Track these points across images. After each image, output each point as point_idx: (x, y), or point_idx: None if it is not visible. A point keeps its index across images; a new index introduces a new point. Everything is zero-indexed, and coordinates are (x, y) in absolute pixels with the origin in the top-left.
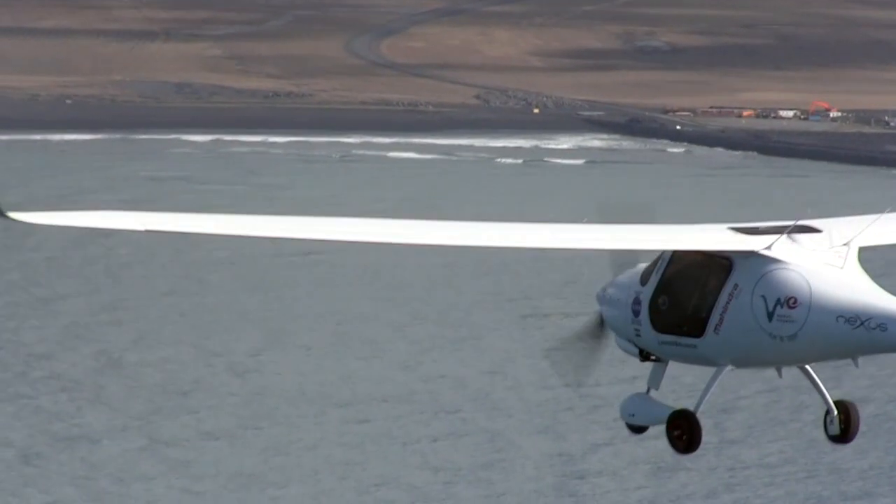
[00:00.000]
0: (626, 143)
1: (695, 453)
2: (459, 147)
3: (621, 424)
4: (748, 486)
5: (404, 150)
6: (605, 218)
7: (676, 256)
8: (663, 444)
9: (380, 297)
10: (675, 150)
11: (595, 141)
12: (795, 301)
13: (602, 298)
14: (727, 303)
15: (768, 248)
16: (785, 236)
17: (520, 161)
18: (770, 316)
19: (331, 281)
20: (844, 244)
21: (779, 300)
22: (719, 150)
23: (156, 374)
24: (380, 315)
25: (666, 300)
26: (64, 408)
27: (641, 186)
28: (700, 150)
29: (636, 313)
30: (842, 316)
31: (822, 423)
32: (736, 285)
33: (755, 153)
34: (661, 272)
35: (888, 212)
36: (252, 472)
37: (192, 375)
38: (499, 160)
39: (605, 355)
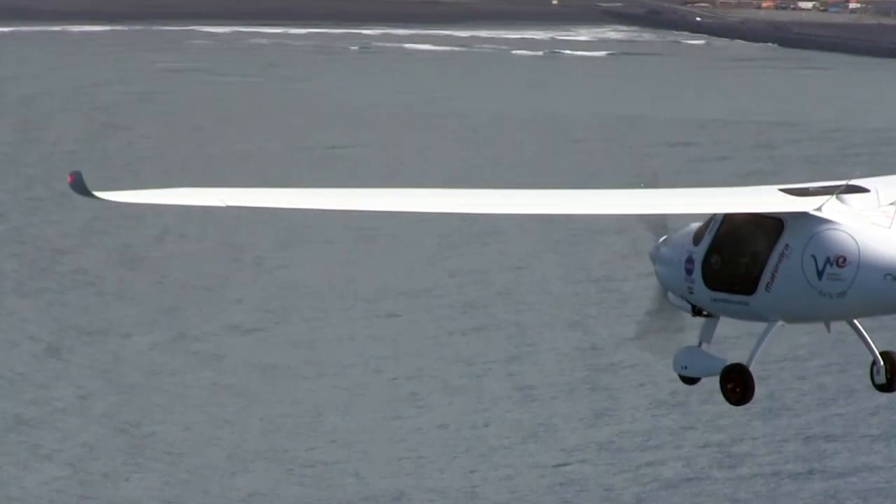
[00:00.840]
0: (646, 35)
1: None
2: (478, 39)
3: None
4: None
5: (423, 41)
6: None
7: (728, 217)
8: (689, 337)
9: (401, 182)
10: (695, 42)
11: (614, 33)
12: (844, 260)
13: (655, 257)
14: (778, 262)
15: (818, 209)
16: (834, 197)
17: (539, 53)
18: (820, 274)
19: (354, 176)
20: (891, 203)
21: (828, 259)
22: (739, 42)
23: (181, 269)
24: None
25: (718, 259)
26: (90, 302)
27: (661, 79)
28: (719, 42)
29: (689, 272)
30: (890, 274)
31: (868, 373)
32: (787, 245)
33: (775, 45)
34: (713, 232)
35: None
36: (281, 365)
37: (217, 270)
38: (517, 52)
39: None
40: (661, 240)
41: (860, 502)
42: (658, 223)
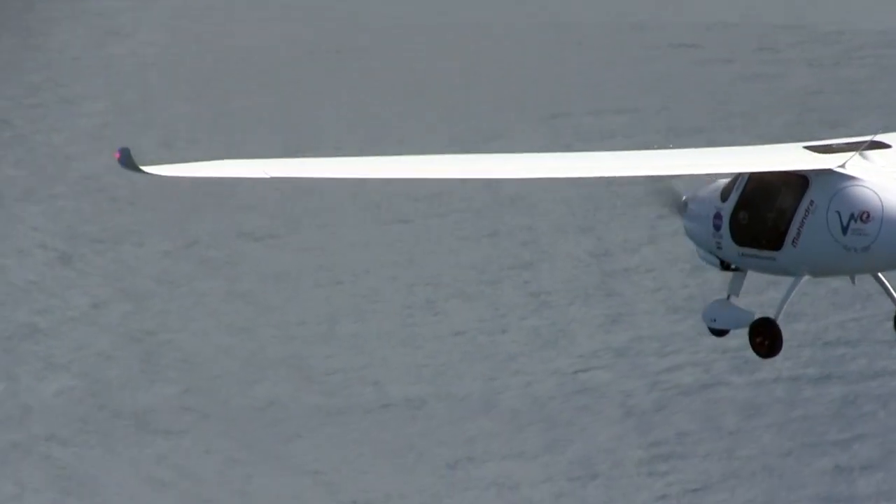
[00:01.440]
0: None
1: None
2: None
3: (663, 222)
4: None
5: None
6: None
7: (754, 175)
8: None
9: (410, 96)
10: None
11: None
12: (868, 215)
13: (683, 213)
14: (804, 218)
15: (842, 165)
16: (857, 154)
17: None
18: (844, 230)
19: (361, 83)
20: None
21: (852, 215)
22: None
23: (182, 176)
24: (411, 112)
25: (745, 216)
26: (101, 209)
27: None
28: None
29: (717, 227)
30: None
31: (892, 324)
32: (812, 201)
33: None
34: (740, 189)
35: None
36: (293, 272)
37: (219, 178)
38: None
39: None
40: (688, 195)
41: (879, 407)
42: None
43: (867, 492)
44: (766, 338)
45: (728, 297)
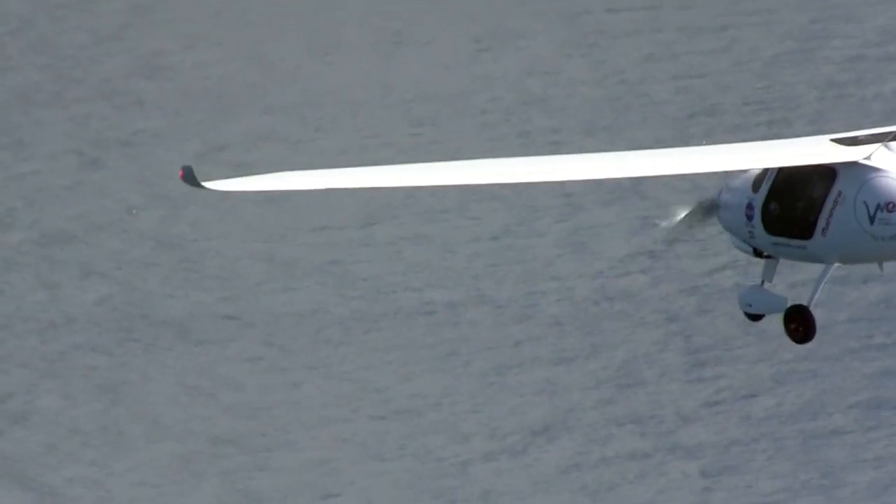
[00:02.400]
0: None
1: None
2: None
3: (682, 123)
4: None
5: None
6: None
7: (784, 167)
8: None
9: None
10: None
11: None
12: (894, 206)
13: (718, 203)
14: (832, 208)
15: (867, 157)
16: (882, 146)
17: None
18: (872, 220)
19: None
20: None
21: (879, 205)
22: None
23: (207, 78)
24: (431, 12)
25: (777, 206)
26: (125, 113)
27: None
28: None
29: (749, 217)
30: None
31: None
32: (840, 192)
33: None
34: (770, 181)
35: None
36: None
37: (244, 80)
38: None
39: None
40: (721, 188)
41: None
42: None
43: None
44: (800, 324)
45: (762, 283)
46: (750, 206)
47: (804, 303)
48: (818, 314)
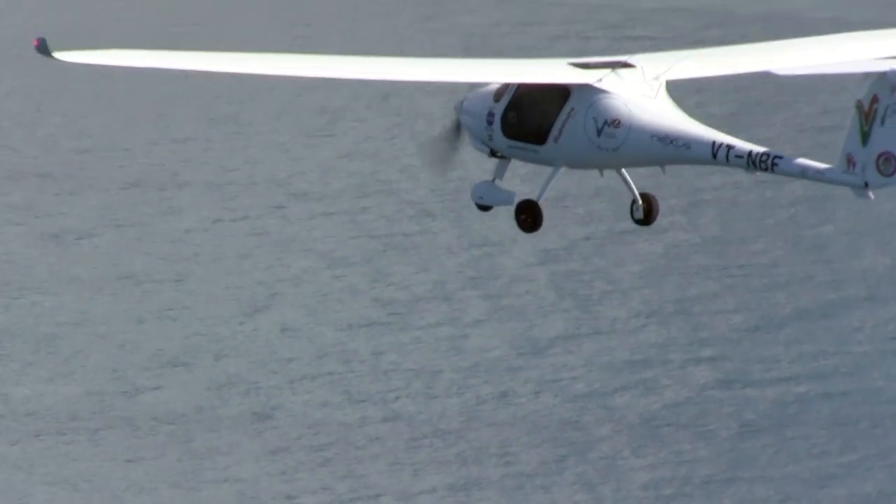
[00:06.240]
0: None
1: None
2: None
3: None
4: None
5: None
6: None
7: (524, 83)
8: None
9: None
10: None
11: None
12: (619, 122)
13: (460, 109)
14: (565, 121)
15: (599, 81)
16: (611, 71)
17: None
18: (598, 133)
19: None
20: (655, 78)
21: (605, 121)
22: None
23: None
24: None
25: (515, 115)
26: None
27: None
28: None
29: (489, 122)
30: (655, 135)
31: (629, 210)
32: (573, 108)
33: None
34: (511, 94)
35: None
36: None
37: None
38: None
39: (460, 154)
40: (464, 97)
41: None
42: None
43: None
44: (528, 216)
45: (493, 179)
46: (491, 114)
47: (534, 198)
48: (545, 209)
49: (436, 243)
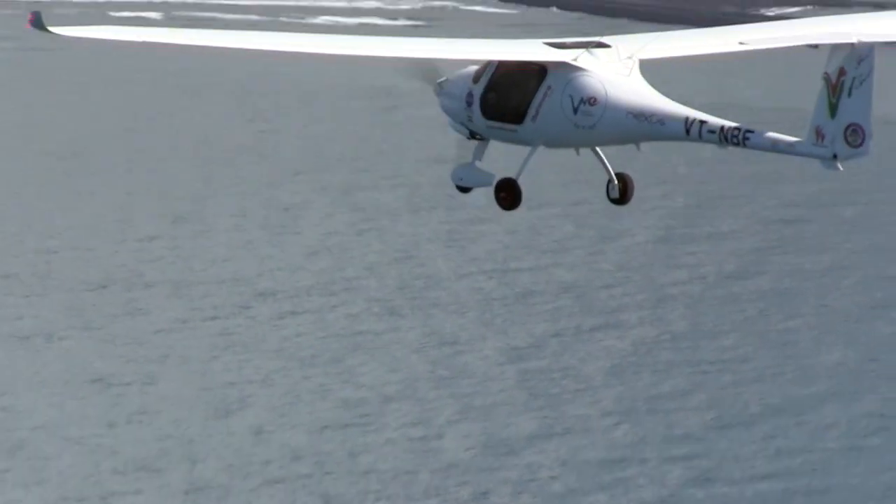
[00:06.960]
0: (453, 3)
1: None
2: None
3: None
4: None
5: None
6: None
7: (502, 63)
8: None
9: None
10: (509, 10)
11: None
12: (595, 100)
13: (439, 92)
14: (542, 100)
15: (575, 59)
16: (586, 51)
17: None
18: (575, 111)
19: None
20: (629, 57)
21: (582, 99)
22: (553, 10)
23: None
24: None
25: (494, 96)
26: None
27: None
28: (532, 12)
29: (469, 104)
30: (630, 113)
31: (605, 189)
32: (549, 87)
33: (584, 14)
34: (489, 75)
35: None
36: None
37: None
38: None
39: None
40: (443, 79)
41: None
42: (430, 69)
43: None
44: (508, 194)
45: (473, 161)
46: (470, 95)
47: (513, 176)
48: (523, 185)
49: (404, 342)
